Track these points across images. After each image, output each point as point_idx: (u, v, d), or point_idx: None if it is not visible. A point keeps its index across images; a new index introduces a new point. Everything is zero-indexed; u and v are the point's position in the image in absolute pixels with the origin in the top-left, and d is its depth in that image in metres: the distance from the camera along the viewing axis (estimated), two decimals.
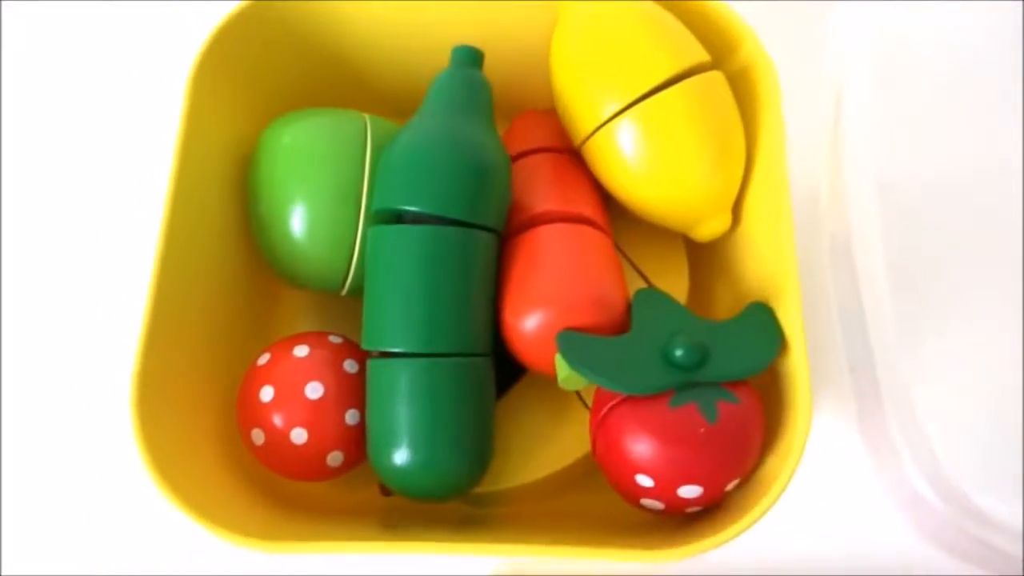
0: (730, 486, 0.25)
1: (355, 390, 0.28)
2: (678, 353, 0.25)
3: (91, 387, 0.33)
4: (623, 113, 0.28)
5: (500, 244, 0.28)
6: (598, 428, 0.26)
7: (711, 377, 0.25)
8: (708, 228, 0.29)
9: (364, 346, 0.27)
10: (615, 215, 0.31)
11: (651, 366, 0.25)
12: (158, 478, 0.25)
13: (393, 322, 0.26)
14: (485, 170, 0.26)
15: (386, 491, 0.30)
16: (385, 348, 0.26)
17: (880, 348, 0.24)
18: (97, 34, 0.40)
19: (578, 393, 0.30)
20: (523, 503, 0.29)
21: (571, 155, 0.31)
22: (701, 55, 0.29)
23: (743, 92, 0.30)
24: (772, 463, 0.25)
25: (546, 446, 0.29)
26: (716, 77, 0.29)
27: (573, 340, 0.26)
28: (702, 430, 0.24)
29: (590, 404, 0.28)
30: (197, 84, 0.29)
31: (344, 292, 0.30)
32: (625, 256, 0.32)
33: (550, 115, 0.32)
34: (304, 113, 0.30)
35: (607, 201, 0.31)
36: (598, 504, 0.29)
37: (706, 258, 0.32)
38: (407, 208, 0.26)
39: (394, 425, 0.26)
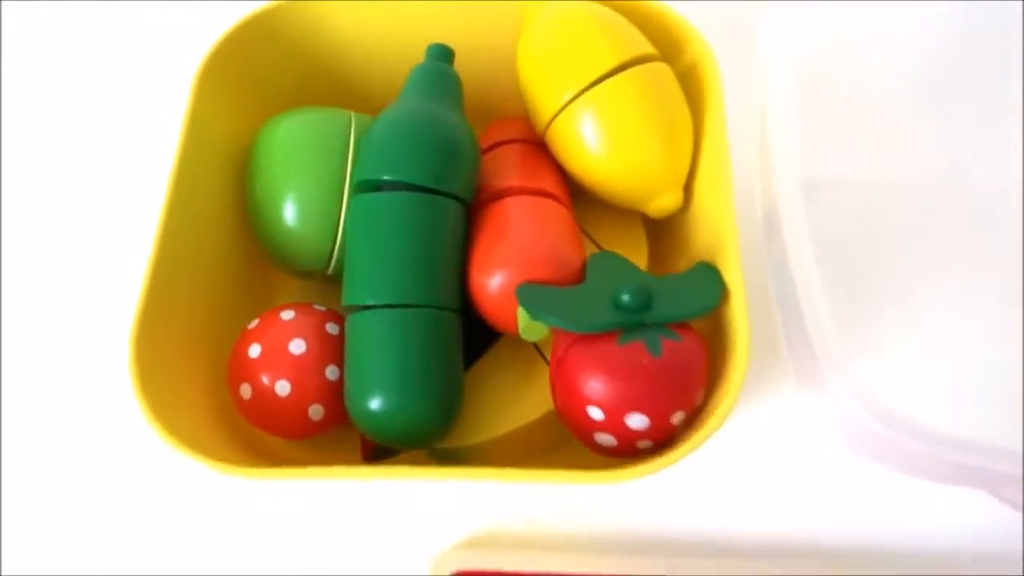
0: (675, 419, 0.27)
1: (336, 349, 0.30)
2: (625, 297, 0.27)
3: (96, 351, 0.36)
4: (577, 99, 0.31)
5: (469, 215, 0.31)
6: (555, 372, 0.28)
7: (656, 319, 0.27)
8: (661, 203, 0.32)
9: (343, 303, 0.30)
10: (580, 201, 0.34)
11: (601, 309, 0.28)
12: (150, 414, 0.27)
13: (367, 278, 0.29)
14: (451, 144, 0.30)
15: (367, 456, 0.32)
16: (360, 302, 0.29)
17: (807, 301, 0.27)
18: (107, 34, 0.45)
19: (541, 353, 0.32)
20: (491, 460, 0.31)
21: (537, 145, 0.34)
22: (647, 48, 0.32)
23: (691, 87, 0.33)
24: (713, 402, 0.27)
25: (514, 404, 0.31)
26: (662, 67, 0.32)
27: (531, 290, 0.28)
28: (646, 363, 0.26)
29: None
30: (202, 85, 0.33)
31: (330, 270, 0.33)
32: (588, 236, 0.34)
33: (520, 119, 0.35)
34: (297, 111, 0.34)
35: (570, 184, 0.34)
36: (561, 462, 0.31)
37: (663, 237, 0.35)
38: (382, 177, 0.29)
39: (368, 372, 0.28)
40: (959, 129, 0.37)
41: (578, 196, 0.34)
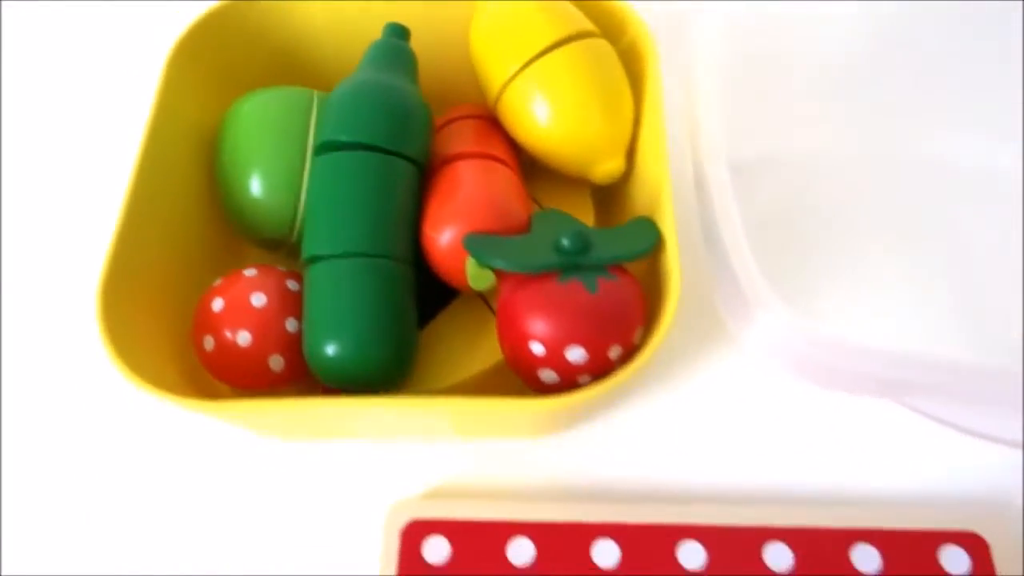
0: (613, 353, 0.28)
1: (296, 303, 0.32)
2: (565, 242, 0.29)
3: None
4: (521, 72, 0.33)
5: (423, 178, 0.33)
6: (501, 314, 0.30)
7: (594, 261, 0.29)
8: (604, 169, 0.34)
9: (303, 257, 0.31)
10: (531, 173, 0.36)
11: (543, 253, 0.30)
12: (115, 356, 0.28)
13: (324, 230, 0.31)
14: (404, 108, 0.32)
15: None
16: (317, 252, 0.31)
17: (731, 239, 0.28)
18: (84, 21, 0.49)
19: (492, 309, 0.34)
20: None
21: (490, 120, 0.36)
22: (586, 25, 0.34)
23: (631, 64, 0.36)
24: (647, 338, 0.29)
25: (466, 356, 0.33)
26: (601, 43, 0.34)
27: (478, 238, 0.30)
28: (584, 299, 0.28)
29: None
30: (172, 69, 0.35)
31: (294, 238, 0.34)
32: (537, 203, 0.36)
33: (476, 104, 0.37)
34: (263, 89, 0.36)
35: (521, 156, 0.36)
36: None
37: (609, 204, 0.37)
38: (340, 139, 0.31)
39: (324, 319, 0.30)
40: (886, 107, 0.40)
41: (529, 169, 0.36)
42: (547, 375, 0.29)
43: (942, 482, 0.33)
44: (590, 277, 0.29)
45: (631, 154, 0.35)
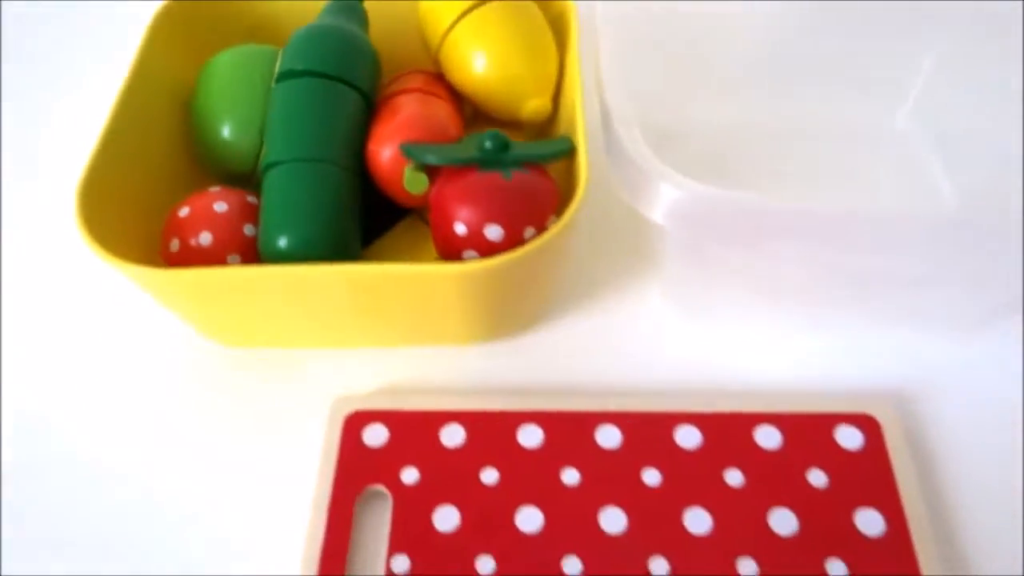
0: (527, 234, 0.32)
1: (254, 213, 0.36)
2: (487, 143, 0.34)
3: None
4: (457, 23, 0.38)
5: (370, 109, 0.37)
6: (431, 207, 0.34)
7: (512, 158, 0.33)
8: (531, 107, 0.39)
9: (261, 166, 0.36)
10: (471, 126, 0.41)
11: (468, 151, 0.34)
12: (86, 232, 0.32)
13: (279, 140, 0.35)
14: (351, 43, 0.37)
15: None
16: (273, 159, 0.35)
17: (627, 134, 0.32)
18: None
19: (424, 221, 0.38)
20: None
21: (434, 74, 0.41)
22: None
23: (557, 25, 0.41)
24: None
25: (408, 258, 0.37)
26: (528, 3, 0.40)
27: (413, 143, 0.34)
28: (500, 183, 0.32)
29: None
30: (155, 31, 0.40)
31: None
32: None
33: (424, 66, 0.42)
34: (236, 46, 0.41)
35: (462, 106, 0.41)
36: None
37: None
38: (294, 68, 0.36)
39: (277, 215, 0.34)
40: (794, 79, 0.45)
41: (470, 121, 0.41)
42: (469, 256, 0.33)
43: (839, 374, 0.37)
44: (507, 169, 0.33)
45: (556, 101, 0.40)
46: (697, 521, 0.32)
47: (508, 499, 0.33)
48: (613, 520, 0.32)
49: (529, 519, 0.32)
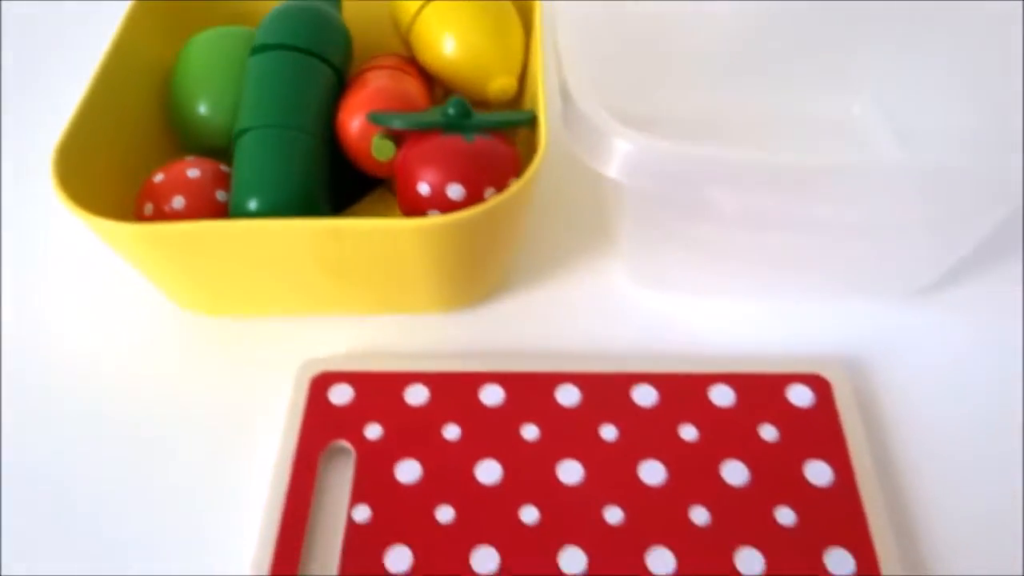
0: (487, 193, 0.33)
1: (226, 180, 0.37)
2: (450, 110, 0.35)
3: None
4: (426, 5, 0.40)
5: (341, 84, 0.39)
6: (397, 170, 0.35)
7: (474, 123, 0.35)
8: (497, 85, 0.40)
9: (233, 138, 0.37)
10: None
11: (433, 117, 0.35)
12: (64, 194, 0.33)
13: (251, 108, 0.36)
14: (322, 19, 0.38)
15: None
16: (245, 126, 0.36)
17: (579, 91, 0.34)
18: None
19: (392, 192, 0.39)
20: None
21: (406, 57, 0.43)
22: None
23: (524, 11, 0.43)
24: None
25: None
26: None
27: (381, 111, 0.36)
28: (462, 146, 0.34)
29: None
30: (136, 11, 0.42)
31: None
32: None
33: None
34: (214, 27, 0.42)
35: (431, 88, 0.42)
36: None
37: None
38: (267, 42, 0.38)
39: (248, 179, 0.35)
40: (758, 72, 0.47)
41: (438, 101, 0.42)
42: (433, 215, 0.34)
43: (792, 340, 0.38)
44: (469, 133, 0.34)
45: (521, 82, 0.41)
46: (652, 472, 0.33)
47: (469, 453, 0.34)
48: (570, 472, 0.33)
49: (488, 471, 0.33)
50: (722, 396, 0.35)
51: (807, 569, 0.30)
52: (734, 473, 0.33)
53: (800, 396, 0.35)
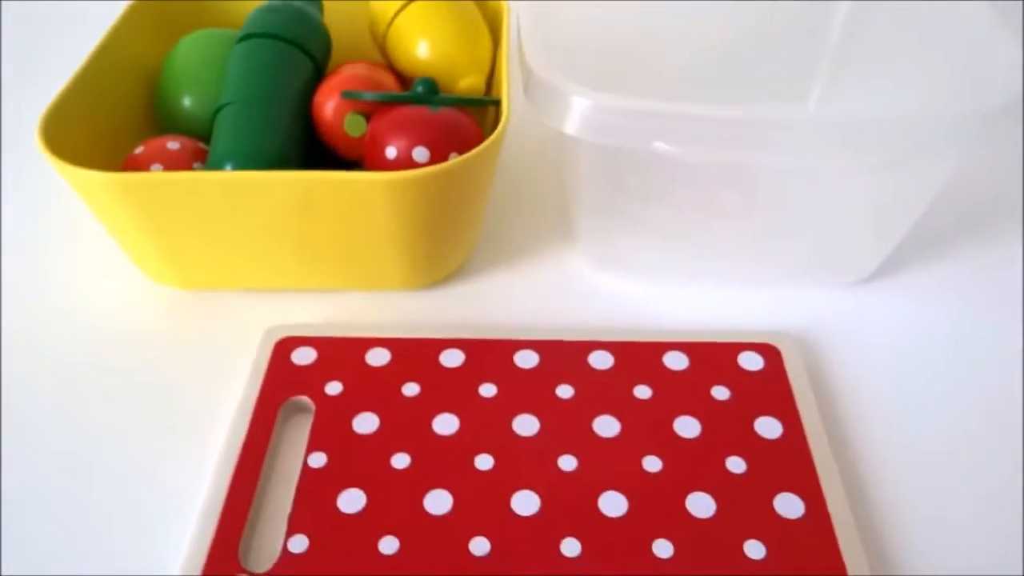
0: (452, 157, 0.35)
1: (204, 155, 0.39)
2: (419, 88, 0.37)
3: None
4: (400, 11, 0.43)
5: (319, 77, 0.41)
6: (366, 140, 0.37)
7: (440, 100, 0.37)
8: (465, 84, 0.43)
9: (213, 114, 0.39)
10: None
11: (403, 94, 0.37)
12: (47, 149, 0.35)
13: (230, 86, 0.39)
14: (306, 15, 0.41)
15: None
16: (223, 102, 0.38)
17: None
18: None
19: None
20: None
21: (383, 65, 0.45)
22: None
23: (492, 18, 0.46)
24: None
25: None
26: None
27: (353, 91, 0.38)
28: (427, 114, 0.36)
29: None
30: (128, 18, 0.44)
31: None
32: None
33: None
34: (203, 29, 0.45)
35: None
36: None
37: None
38: (253, 31, 0.40)
39: (222, 145, 0.37)
40: (712, 84, 0.49)
41: None
42: None
43: (744, 320, 0.39)
44: (435, 105, 0.36)
45: (489, 82, 0.44)
46: (606, 426, 0.34)
47: (426, 407, 0.34)
48: (526, 425, 0.34)
49: (446, 424, 0.34)
50: (676, 361, 0.36)
51: (757, 512, 0.31)
52: (686, 427, 0.34)
53: (751, 361, 0.36)
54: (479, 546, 0.30)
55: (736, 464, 0.32)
